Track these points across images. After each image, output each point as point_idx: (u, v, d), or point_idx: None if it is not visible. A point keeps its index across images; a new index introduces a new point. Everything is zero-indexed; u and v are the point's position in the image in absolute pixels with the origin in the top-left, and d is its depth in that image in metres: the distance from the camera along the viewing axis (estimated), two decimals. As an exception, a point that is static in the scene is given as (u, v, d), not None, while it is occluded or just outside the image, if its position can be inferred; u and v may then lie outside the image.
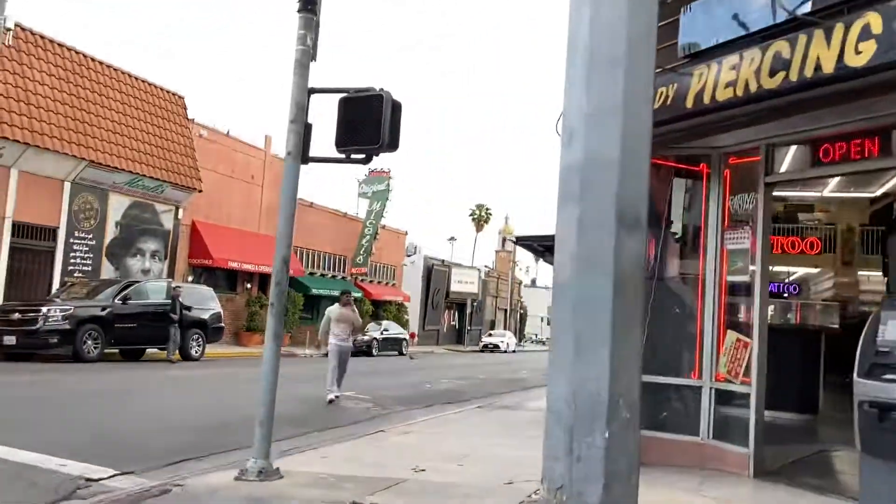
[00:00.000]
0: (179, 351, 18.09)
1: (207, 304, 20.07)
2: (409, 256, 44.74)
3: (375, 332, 30.20)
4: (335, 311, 12.08)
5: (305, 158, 5.84)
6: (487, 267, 60.65)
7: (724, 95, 5.13)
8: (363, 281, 37.52)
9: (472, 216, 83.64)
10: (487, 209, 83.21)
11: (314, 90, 5.86)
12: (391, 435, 8.26)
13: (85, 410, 9.10)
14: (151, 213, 23.75)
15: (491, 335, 49.64)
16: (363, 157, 5.84)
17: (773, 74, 4.78)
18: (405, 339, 33.14)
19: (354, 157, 5.83)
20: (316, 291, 32.23)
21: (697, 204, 6.57)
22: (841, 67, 4.40)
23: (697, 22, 5.75)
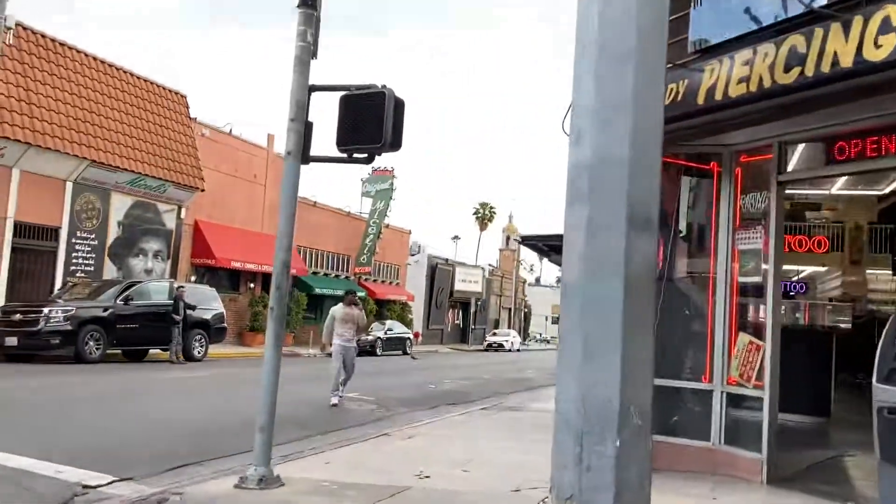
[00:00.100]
0: (182, 351, 17.99)
1: (210, 304, 19.97)
2: (412, 255, 44.62)
3: (379, 331, 30.11)
4: (339, 310, 11.78)
5: (306, 158, 5.72)
6: (491, 266, 60.52)
7: (736, 91, 4.98)
8: (367, 280, 37.42)
9: (475, 215, 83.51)
10: (491, 208, 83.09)
11: (315, 88, 5.73)
12: (395, 439, 8.14)
13: (85, 413, 9.00)
14: (154, 212, 23.65)
15: (495, 334, 49.55)
16: (365, 156, 5.72)
17: (787, 70, 4.64)
18: (409, 338, 33.03)
19: (356, 156, 5.72)
20: (319, 291, 32.14)
21: (708, 203, 6.42)
22: (859, 62, 4.26)
23: (708, 16, 5.60)
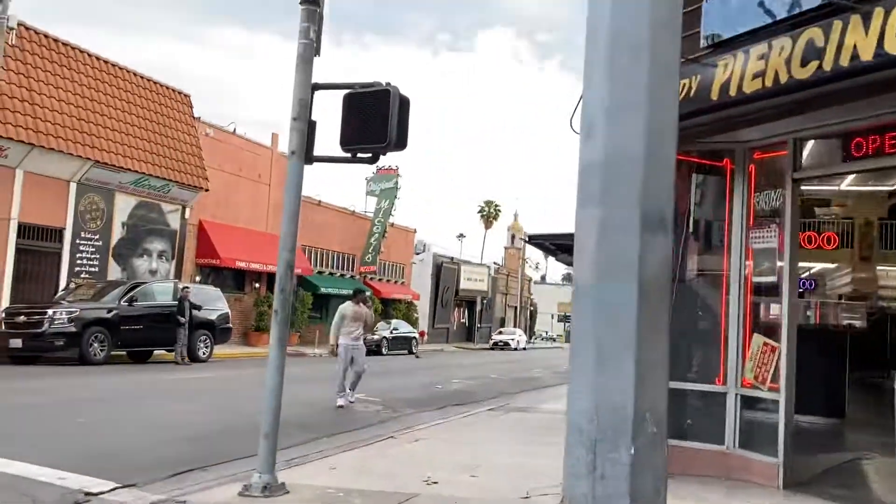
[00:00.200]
0: (187, 352, 17.91)
1: (215, 304, 19.90)
2: (417, 254, 44.52)
3: (385, 331, 30.01)
4: (349, 308, 11.54)
5: (310, 158, 5.60)
6: (497, 264, 60.34)
7: (751, 87, 4.84)
8: (372, 279, 37.33)
9: (480, 213, 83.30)
10: (496, 206, 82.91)
11: (318, 86, 5.61)
12: (401, 442, 8.03)
13: (88, 417, 8.90)
14: (158, 212, 23.58)
15: (501, 333, 49.43)
16: (370, 156, 5.60)
17: (805, 64, 4.50)
18: (415, 337, 32.93)
19: (361, 156, 5.59)
20: (325, 290, 32.06)
21: (721, 201, 6.27)
22: (881, 55, 4.12)
23: (721, 9, 5.45)
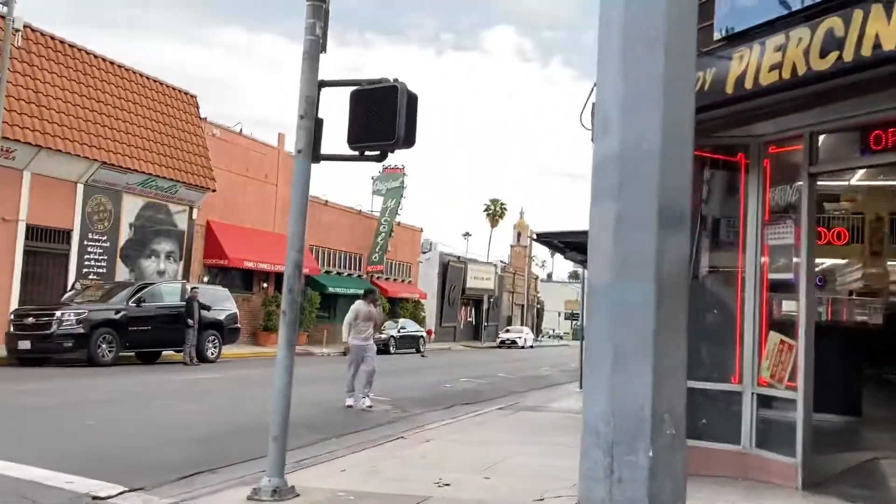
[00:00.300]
0: (196, 352, 17.88)
1: (223, 304, 19.89)
2: (424, 253, 44.46)
3: (392, 329, 29.95)
4: (363, 308, 11.37)
5: (317, 157, 5.51)
6: (503, 262, 60.21)
7: (768, 79, 4.72)
8: (379, 278, 37.27)
9: (486, 211, 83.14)
10: (502, 204, 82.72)
11: (324, 83, 5.52)
12: (411, 442, 7.94)
13: (96, 418, 8.86)
14: (165, 213, 23.58)
15: (508, 331, 49.31)
16: (377, 154, 5.51)
17: (824, 55, 4.38)
18: (422, 336, 32.87)
19: (368, 154, 5.51)
20: (332, 290, 32.04)
21: (735, 197, 6.15)
22: (904, 44, 3.99)
23: (736, 0, 5.34)
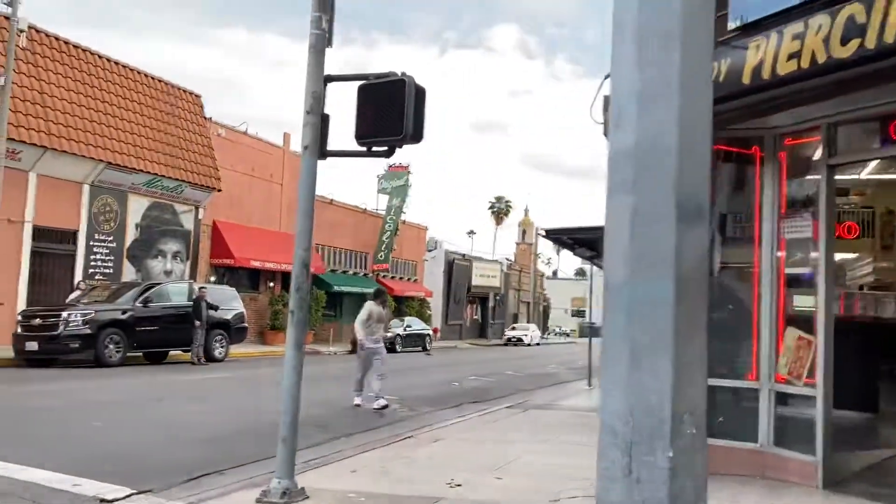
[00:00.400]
0: (203, 352, 17.84)
1: (231, 304, 19.83)
2: (429, 251, 44.35)
3: (399, 328, 29.87)
4: (376, 309, 11.22)
5: (323, 153, 5.41)
6: (508, 260, 60.06)
7: (786, 69, 4.60)
8: (385, 277, 37.19)
9: (491, 209, 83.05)
10: (507, 201, 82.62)
11: (331, 78, 5.42)
12: (421, 442, 7.85)
13: (103, 420, 8.80)
14: (171, 213, 23.54)
15: (514, 329, 49.13)
16: (385, 149, 5.41)
17: (845, 42, 4.26)
18: (429, 334, 32.78)
19: (376, 149, 5.40)
20: (338, 289, 31.99)
21: (750, 190, 6.03)
22: (929, 30, 3.87)
23: (751, -11, 5.22)
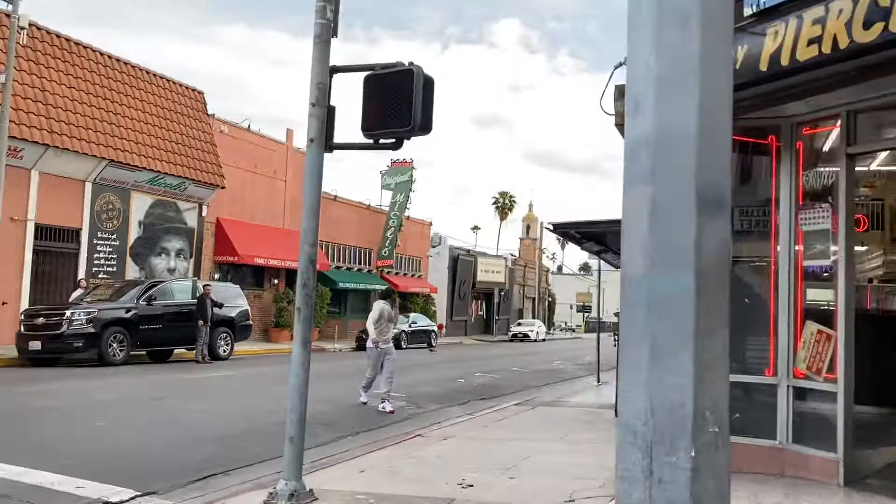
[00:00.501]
0: (208, 350, 17.74)
1: (235, 301, 19.71)
2: (434, 247, 44.20)
3: (404, 324, 29.76)
4: (387, 308, 10.99)
5: (329, 145, 5.27)
6: (513, 255, 59.91)
7: (806, 55, 4.46)
8: (389, 273, 37.09)
9: (495, 204, 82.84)
10: (511, 197, 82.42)
11: (336, 69, 5.28)
12: (430, 440, 7.73)
13: (107, 420, 8.69)
14: (175, 211, 23.44)
15: (520, 324, 48.97)
16: (393, 141, 5.26)
17: (868, 26, 4.11)
18: (434, 330, 32.66)
19: (383, 141, 5.26)
20: (343, 285, 31.89)
21: (766, 181, 5.89)
22: (958, 11, 3.73)
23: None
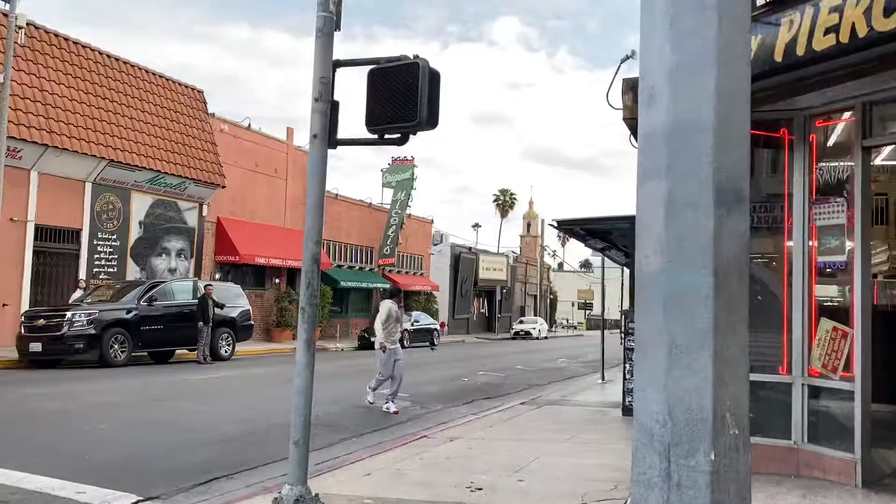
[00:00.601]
0: (209, 350, 17.63)
1: (236, 301, 19.59)
2: (435, 245, 44.10)
3: (406, 323, 29.65)
4: (395, 309, 10.82)
5: (333, 141, 5.14)
6: (514, 253, 59.82)
7: (823, 44, 4.33)
8: (391, 272, 36.98)
9: (496, 202, 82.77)
10: (512, 194, 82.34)
11: (340, 63, 5.14)
12: (436, 441, 7.62)
13: (108, 422, 8.59)
14: (175, 211, 23.32)
15: (522, 322, 48.86)
16: (398, 136, 5.12)
17: (888, 13, 3.99)
18: (436, 329, 32.55)
19: (388, 137, 5.13)
20: (344, 284, 31.78)
21: (778, 175, 5.77)
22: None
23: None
